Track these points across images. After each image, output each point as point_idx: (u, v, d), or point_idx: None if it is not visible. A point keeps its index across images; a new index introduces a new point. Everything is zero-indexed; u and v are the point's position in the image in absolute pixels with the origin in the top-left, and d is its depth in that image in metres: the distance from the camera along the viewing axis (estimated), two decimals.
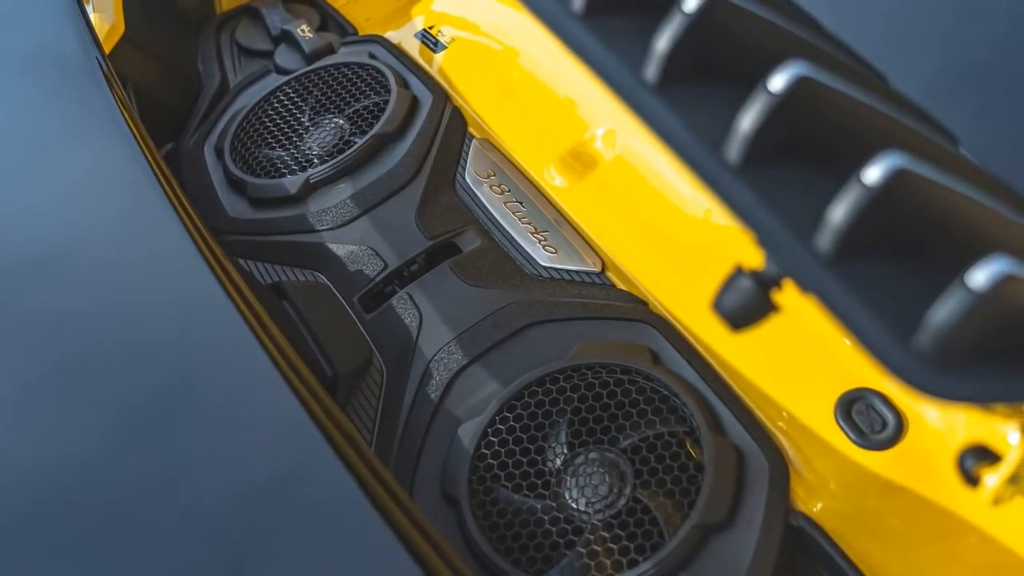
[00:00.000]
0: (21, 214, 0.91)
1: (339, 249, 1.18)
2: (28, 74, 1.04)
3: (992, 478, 0.78)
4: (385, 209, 1.21)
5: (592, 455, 0.94)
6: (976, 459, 0.80)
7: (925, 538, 0.86)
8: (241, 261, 1.21)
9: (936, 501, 0.86)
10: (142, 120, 1.06)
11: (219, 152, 1.34)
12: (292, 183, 1.24)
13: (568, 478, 0.93)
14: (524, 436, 0.96)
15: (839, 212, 0.49)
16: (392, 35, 1.50)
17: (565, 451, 0.95)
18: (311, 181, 1.24)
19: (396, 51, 1.44)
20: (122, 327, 0.82)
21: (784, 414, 0.95)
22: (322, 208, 1.22)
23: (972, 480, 0.80)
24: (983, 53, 0.74)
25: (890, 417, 0.90)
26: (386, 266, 1.15)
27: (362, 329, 1.12)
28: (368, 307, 1.14)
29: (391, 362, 1.08)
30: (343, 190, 1.23)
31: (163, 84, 1.47)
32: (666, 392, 0.96)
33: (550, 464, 0.95)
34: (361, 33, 1.55)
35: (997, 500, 0.78)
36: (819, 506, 0.90)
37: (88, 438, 0.73)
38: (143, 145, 0.97)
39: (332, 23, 1.59)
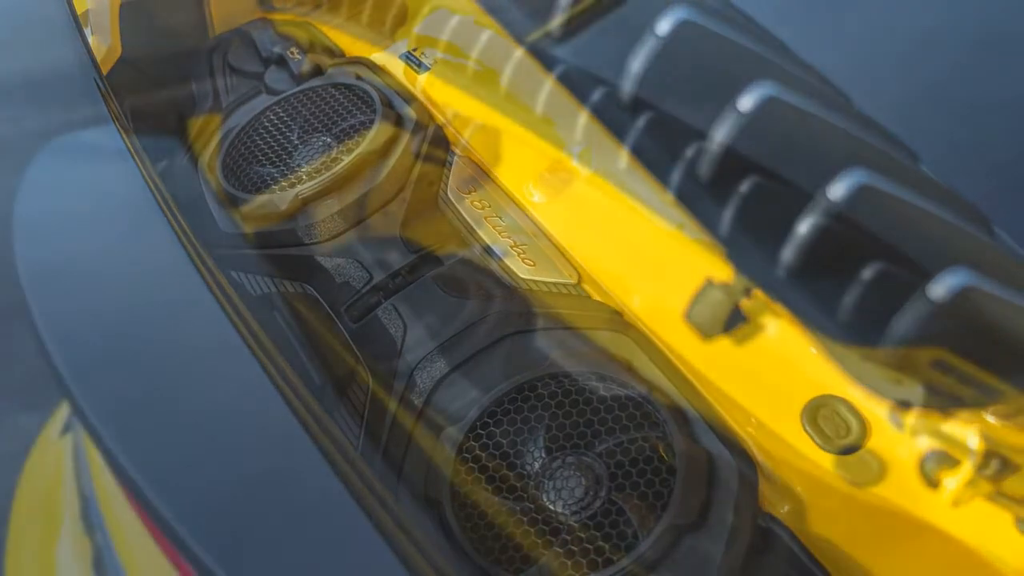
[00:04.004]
0: (22, 227, 0.93)
1: (327, 262, 1.20)
2: (29, 94, 1.06)
3: (952, 481, 0.79)
4: (371, 224, 1.23)
5: (569, 459, 0.95)
6: (937, 463, 0.81)
7: (888, 538, 0.88)
8: (233, 273, 1.22)
9: (899, 503, 0.88)
10: (138, 138, 1.08)
11: (212, 169, 1.35)
12: (282, 199, 1.25)
13: (546, 481, 0.94)
14: (504, 441, 0.98)
15: (805, 226, 0.52)
16: (377, 57, 1.52)
17: (543, 455, 0.96)
18: (300, 197, 1.25)
19: (381, 72, 1.46)
20: (119, 335, 0.84)
21: (753, 420, 0.97)
22: (311, 223, 1.23)
23: (933, 483, 0.82)
24: (944, 77, 0.75)
25: (854, 423, 0.91)
26: (371, 278, 1.17)
27: (348, 338, 1.14)
28: (354, 317, 1.16)
29: (376, 370, 1.10)
30: (331, 205, 1.25)
31: (158, 103, 1.48)
32: (640, 399, 0.98)
33: (528, 468, 0.96)
34: (348, 55, 1.57)
35: (957, 502, 0.79)
36: (786, 508, 0.92)
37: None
38: (139, 162, 0.99)
39: (320, 46, 1.61)
